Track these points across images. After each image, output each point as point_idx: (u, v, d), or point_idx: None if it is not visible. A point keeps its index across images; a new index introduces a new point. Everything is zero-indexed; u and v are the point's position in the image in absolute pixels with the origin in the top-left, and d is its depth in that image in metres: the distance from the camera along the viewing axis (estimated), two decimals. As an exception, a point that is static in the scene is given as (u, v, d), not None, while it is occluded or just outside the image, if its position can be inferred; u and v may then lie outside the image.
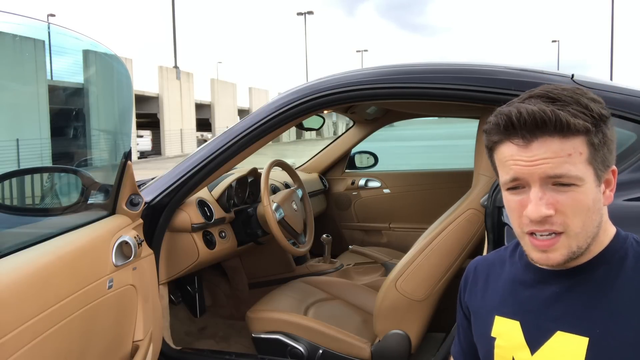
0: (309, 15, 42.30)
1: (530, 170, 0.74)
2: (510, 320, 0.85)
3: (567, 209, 0.73)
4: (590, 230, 0.76)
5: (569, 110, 0.73)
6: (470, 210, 1.71)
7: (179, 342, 1.97)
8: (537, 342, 0.81)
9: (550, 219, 0.74)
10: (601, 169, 0.76)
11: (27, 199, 1.55)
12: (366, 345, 1.82)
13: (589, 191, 0.74)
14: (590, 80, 1.48)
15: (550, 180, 0.74)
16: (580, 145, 0.73)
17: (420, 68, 1.66)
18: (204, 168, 1.80)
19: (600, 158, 0.75)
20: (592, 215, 0.75)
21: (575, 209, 0.73)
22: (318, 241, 2.65)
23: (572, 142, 0.73)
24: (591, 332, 0.75)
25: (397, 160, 8.46)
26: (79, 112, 1.65)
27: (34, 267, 1.12)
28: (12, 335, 1.00)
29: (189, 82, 31.56)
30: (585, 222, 0.74)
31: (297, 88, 1.78)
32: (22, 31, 1.41)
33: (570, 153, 0.72)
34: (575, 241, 0.75)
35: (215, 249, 2.08)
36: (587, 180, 0.74)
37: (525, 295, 0.85)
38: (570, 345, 0.77)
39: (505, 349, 0.85)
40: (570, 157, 0.72)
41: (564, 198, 0.73)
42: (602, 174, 0.76)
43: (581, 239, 0.75)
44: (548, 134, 0.73)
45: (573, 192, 0.73)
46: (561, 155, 0.72)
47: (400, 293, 1.74)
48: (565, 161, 0.72)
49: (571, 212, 0.73)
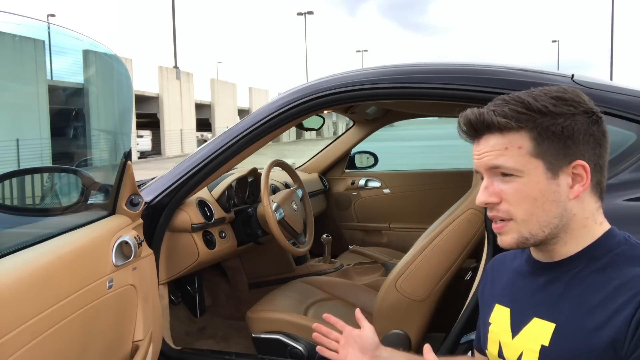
0: (309, 15, 42.33)
1: (478, 163, 0.84)
2: (504, 308, 0.91)
3: (510, 198, 0.81)
4: (543, 220, 0.80)
5: (504, 109, 0.80)
6: (470, 210, 1.71)
7: (179, 342, 1.96)
8: (518, 327, 0.86)
9: (496, 207, 0.82)
10: (554, 162, 0.79)
11: (27, 199, 1.55)
12: (366, 345, 1.82)
13: (533, 182, 0.79)
14: (590, 80, 1.48)
15: (495, 171, 0.82)
16: (519, 139, 0.79)
17: (420, 68, 1.66)
18: (204, 168, 1.80)
19: (550, 151, 0.79)
20: (542, 205, 0.79)
21: (518, 198, 0.80)
22: (318, 241, 2.65)
23: (509, 137, 0.80)
24: (558, 319, 0.80)
25: (397, 160, 8.45)
26: (79, 112, 1.65)
27: (34, 267, 1.12)
28: (12, 335, 1.00)
29: (189, 82, 31.57)
30: (532, 211, 0.80)
31: (297, 88, 1.78)
32: (22, 31, 1.41)
33: (507, 147, 0.80)
34: (525, 227, 0.81)
35: (215, 249, 2.08)
36: (530, 172, 0.79)
37: (519, 285, 0.90)
38: (541, 330, 0.81)
39: (495, 333, 0.91)
40: (507, 150, 0.80)
41: (507, 187, 0.81)
42: (557, 167, 0.79)
43: (532, 226, 0.80)
44: (488, 132, 0.82)
45: (515, 183, 0.80)
46: (497, 149, 0.80)
47: (400, 293, 1.74)
48: (501, 154, 0.80)
49: (513, 200, 0.80)
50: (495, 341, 0.91)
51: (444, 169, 3.44)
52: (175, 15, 28.92)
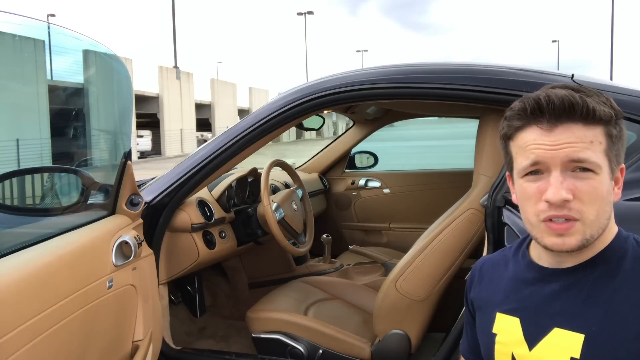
0: (309, 15, 42.33)
1: (552, 154, 0.75)
2: (510, 317, 0.87)
3: (584, 196, 0.75)
4: (602, 221, 0.77)
5: (594, 99, 0.76)
6: (470, 210, 1.71)
7: (179, 342, 1.96)
8: (535, 338, 0.82)
9: (568, 204, 0.75)
10: (615, 163, 0.79)
11: (27, 199, 1.55)
12: (366, 345, 1.82)
13: (604, 181, 0.76)
14: (590, 80, 1.48)
15: (571, 166, 0.75)
16: (600, 134, 0.76)
17: (420, 68, 1.66)
18: (204, 168, 1.80)
19: (615, 151, 0.78)
20: (605, 206, 0.77)
21: (592, 197, 0.75)
22: (318, 241, 2.65)
23: (593, 131, 0.75)
24: (587, 329, 0.77)
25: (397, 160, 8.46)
26: (79, 112, 1.65)
27: (34, 267, 1.12)
28: (12, 335, 1.00)
29: (189, 82, 31.56)
30: (599, 212, 0.76)
31: (297, 88, 1.78)
32: (22, 31, 1.41)
33: (592, 140, 0.75)
34: (590, 229, 0.76)
35: (215, 249, 2.08)
36: (604, 170, 0.76)
37: (526, 293, 0.86)
38: (567, 341, 0.78)
39: (505, 344, 0.87)
40: (591, 144, 0.75)
41: (582, 184, 0.75)
42: (615, 168, 0.79)
43: (594, 227, 0.76)
44: (572, 120, 0.75)
45: (591, 180, 0.75)
46: (584, 141, 0.74)
47: (400, 293, 1.74)
48: (587, 147, 0.74)
49: (588, 199, 0.75)
50: (505, 353, 0.87)
51: (444, 169, 3.44)
52: (175, 15, 28.93)
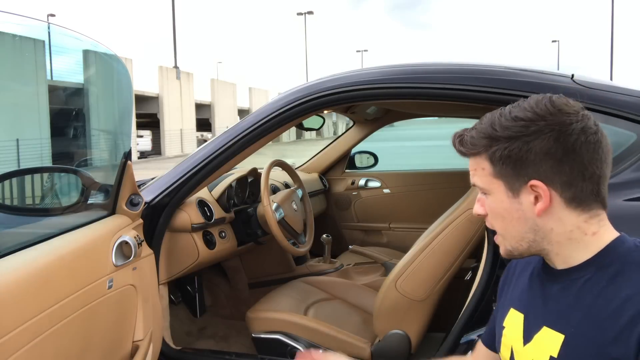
0: (309, 15, 42.32)
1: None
2: (518, 313, 0.91)
3: (489, 213, 0.88)
4: (516, 235, 0.84)
5: (469, 134, 0.86)
6: (470, 210, 1.71)
7: (179, 342, 1.96)
8: (529, 335, 0.86)
9: (487, 219, 0.89)
10: (511, 182, 0.82)
11: (27, 199, 1.55)
12: (366, 345, 1.82)
13: (498, 201, 0.85)
14: (590, 80, 1.48)
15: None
16: (482, 162, 0.85)
17: (420, 68, 1.66)
18: (204, 168, 1.80)
19: (504, 172, 0.82)
20: (510, 222, 0.84)
21: (493, 214, 0.87)
22: (318, 241, 2.65)
23: (476, 160, 0.86)
24: (567, 330, 0.79)
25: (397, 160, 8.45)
26: (79, 112, 1.65)
27: (34, 267, 1.12)
28: (12, 335, 1.00)
29: (189, 82, 31.56)
30: (505, 227, 0.86)
31: (297, 88, 1.78)
32: (22, 31, 1.41)
33: (475, 168, 0.86)
34: (506, 240, 0.87)
35: (215, 249, 2.08)
36: (494, 191, 0.85)
37: (534, 292, 0.90)
38: (550, 340, 0.81)
39: (508, 338, 0.92)
40: (475, 171, 0.86)
41: (486, 203, 0.88)
42: (516, 187, 0.82)
43: (510, 239, 0.86)
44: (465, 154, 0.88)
45: (488, 200, 0.87)
46: (472, 169, 0.87)
47: (400, 293, 1.74)
48: (474, 174, 0.87)
49: (491, 216, 0.88)
50: (507, 346, 0.91)
51: (444, 169, 3.44)
52: (175, 15, 28.94)
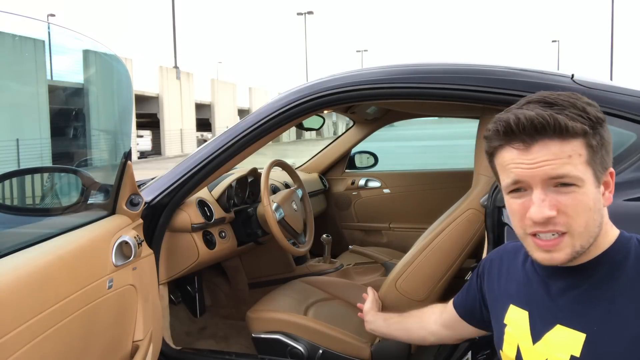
0: (309, 15, 42.32)
1: (531, 173, 0.76)
2: (521, 310, 0.90)
3: (569, 209, 0.76)
4: (592, 230, 0.78)
5: (567, 113, 0.76)
6: (470, 210, 1.71)
7: (179, 342, 1.96)
8: (539, 333, 0.84)
9: (553, 220, 0.76)
10: (600, 171, 0.78)
11: (27, 199, 1.55)
12: (366, 345, 1.82)
13: (589, 192, 0.76)
14: (590, 80, 1.48)
15: (552, 182, 0.76)
16: (579, 147, 0.75)
17: (420, 68, 1.66)
18: (204, 168, 1.80)
19: (599, 160, 0.77)
20: (593, 215, 0.77)
21: (577, 209, 0.76)
22: (318, 241, 2.65)
23: (571, 144, 0.75)
24: (589, 329, 0.78)
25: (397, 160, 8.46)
26: (79, 112, 1.65)
27: (34, 267, 1.12)
28: (12, 335, 1.00)
29: (189, 82, 31.55)
30: (587, 222, 0.77)
31: (297, 88, 1.77)
32: (22, 31, 1.41)
33: (570, 154, 0.75)
34: (579, 240, 0.77)
35: (215, 249, 2.08)
36: (587, 181, 0.76)
37: (537, 288, 0.88)
38: (568, 339, 0.79)
39: (513, 336, 0.90)
40: (570, 158, 0.75)
41: (566, 199, 0.76)
42: (601, 175, 0.79)
43: (584, 238, 0.77)
44: (548, 137, 0.75)
45: (574, 193, 0.76)
46: (561, 157, 0.75)
47: (400, 293, 1.74)
48: (566, 162, 0.75)
49: (573, 212, 0.76)
50: (512, 344, 0.90)
51: (444, 169, 3.44)
52: (175, 15, 28.93)
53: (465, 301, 1.14)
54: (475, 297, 1.09)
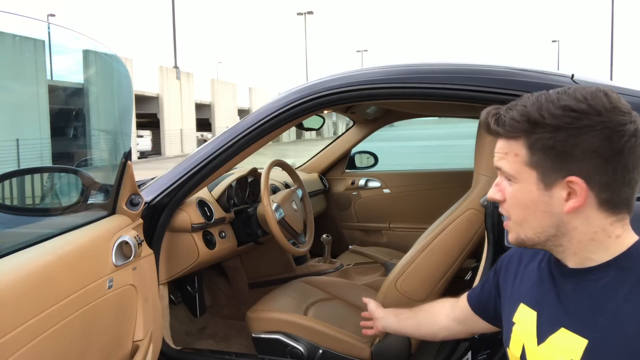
0: (309, 15, 42.32)
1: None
2: (530, 310, 0.89)
3: (508, 199, 0.84)
4: (536, 227, 0.82)
5: (510, 114, 0.80)
6: (470, 210, 1.71)
7: (179, 342, 1.96)
8: (544, 334, 0.84)
9: (502, 205, 0.86)
10: (546, 174, 0.78)
11: (27, 199, 1.55)
12: (366, 345, 1.82)
13: (525, 190, 0.81)
14: (590, 80, 1.48)
15: (501, 172, 0.85)
16: (517, 147, 0.80)
17: (420, 68, 1.66)
18: (204, 168, 1.80)
19: (542, 163, 0.78)
20: (533, 214, 0.81)
21: (512, 201, 0.84)
22: (318, 241, 2.65)
23: (510, 143, 0.81)
24: (591, 335, 0.76)
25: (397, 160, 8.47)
26: (79, 112, 1.65)
27: (34, 267, 1.12)
28: (12, 335, 1.00)
29: (189, 82, 31.55)
30: (524, 217, 0.83)
31: (297, 88, 1.78)
32: (22, 31, 1.41)
33: (506, 152, 0.82)
34: (521, 229, 0.84)
35: (215, 249, 2.08)
36: (523, 180, 0.81)
37: (546, 289, 0.88)
38: (570, 343, 0.79)
39: (519, 335, 0.90)
40: (506, 155, 0.82)
41: (508, 189, 0.84)
42: (550, 179, 0.78)
43: (526, 230, 0.83)
44: (498, 134, 0.83)
45: (512, 187, 0.83)
46: (500, 152, 0.83)
47: (400, 293, 1.74)
48: (502, 158, 0.83)
49: (510, 202, 0.84)
50: (518, 343, 0.89)
51: (444, 169, 3.44)
52: (175, 15, 28.92)
53: (480, 296, 1.14)
54: (491, 293, 1.09)
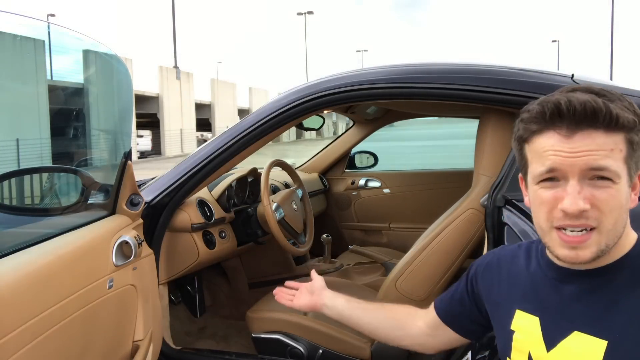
0: (309, 15, 42.34)
1: (571, 162, 0.72)
2: (530, 316, 0.86)
3: (603, 205, 0.72)
4: (619, 230, 0.75)
5: (617, 104, 0.73)
6: (470, 210, 1.71)
7: (179, 342, 1.96)
8: (553, 339, 0.81)
9: (586, 214, 0.73)
10: (634, 170, 0.75)
11: (27, 199, 1.55)
12: (366, 345, 1.82)
13: (623, 189, 0.74)
14: (591, 80, 1.48)
15: (590, 174, 0.72)
16: (621, 142, 0.73)
17: (420, 68, 1.66)
18: (204, 168, 1.80)
19: (636, 159, 0.75)
20: (623, 214, 0.75)
21: (610, 205, 0.73)
22: (318, 241, 2.65)
23: (614, 138, 0.72)
24: (610, 336, 0.74)
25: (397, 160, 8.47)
26: (79, 112, 1.65)
27: (35, 267, 1.12)
28: (13, 335, 1.00)
29: (189, 82, 31.56)
30: (617, 220, 0.74)
31: (297, 88, 1.78)
32: (22, 31, 1.41)
33: (612, 148, 0.72)
34: (605, 238, 0.74)
35: (215, 249, 2.08)
36: (623, 178, 0.73)
37: (546, 293, 0.84)
38: (587, 346, 0.76)
39: (522, 342, 0.86)
40: (612, 152, 0.72)
41: (600, 193, 0.72)
42: (634, 175, 0.76)
43: (611, 237, 0.74)
44: (593, 127, 0.72)
45: (609, 188, 0.73)
46: (604, 149, 0.72)
47: (400, 293, 1.74)
48: (608, 155, 0.72)
49: (606, 208, 0.73)
50: (522, 352, 0.86)
51: (444, 169, 3.44)
52: (175, 15, 28.93)
53: (450, 306, 1.07)
54: (463, 303, 1.03)
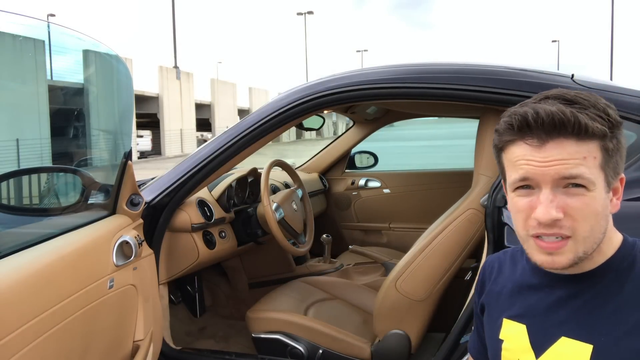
0: (309, 15, 42.33)
1: (542, 171, 0.73)
2: (517, 324, 0.85)
3: (577, 213, 0.73)
4: (596, 236, 0.75)
5: (587, 113, 0.72)
6: (470, 210, 1.71)
7: (179, 342, 1.97)
8: (541, 346, 0.80)
9: (559, 222, 0.73)
10: (612, 176, 0.75)
11: (27, 199, 1.55)
12: (366, 345, 1.82)
13: (599, 197, 0.73)
14: (590, 80, 1.48)
15: (563, 182, 0.73)
16: (594, 149, 0.72)
17: (420, 68, 1.66)
18: (204, 168, 1.80)
19: (613, 164, 0.75)
20: (600, 221, 0.74)
21: (584, 213, 0.72)
22: (318, 241, 2.65)
23: (587, 146, 0.72)
24: (596, 340, 0.75)
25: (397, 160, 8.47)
26: (79, 112, 1.65)
27: (35, 267, 1.12)
28: (14, 335, 1.00)
29: (189, 82, 31.56)
30: (593, 227, 0.74)
31: (297, 88, 1.78)
32: (22, 31, 1.41)
33: (585, 156, 0.72)
34: (582, 246, 0.74)
35: (215, 249, 2.08)
36: (598, 185, 0.73)
37: (532, 299, 0.84)
38: (574, 351, 0.76)
39: (511, 351, 0.85)
40: (585, 159, 0.72)
41: (574, 201, 0.72)
42: (612, 181, 0.76)
43: (588, 244, 0.74)
44: (564, 136, 0.72)
45: (583, 196, 0.72)
46: (576, 157, 0.72)
47: (400, 293, 1.74)
48: (580, 163, 0.71)
49: (580, 216, 0.73)
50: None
51: (444, 169, 3.44)
52: (175, 15, 28.92)
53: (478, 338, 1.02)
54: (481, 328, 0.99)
